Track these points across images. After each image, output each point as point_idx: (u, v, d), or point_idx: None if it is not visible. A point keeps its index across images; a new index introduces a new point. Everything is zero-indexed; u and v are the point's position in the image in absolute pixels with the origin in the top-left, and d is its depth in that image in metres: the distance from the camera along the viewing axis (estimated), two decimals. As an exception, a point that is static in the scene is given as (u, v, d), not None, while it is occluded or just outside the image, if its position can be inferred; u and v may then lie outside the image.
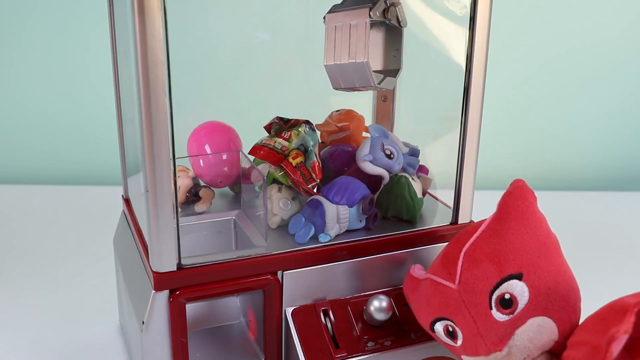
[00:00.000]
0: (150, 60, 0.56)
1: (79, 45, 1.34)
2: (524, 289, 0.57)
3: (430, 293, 0.63)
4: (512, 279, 0.58)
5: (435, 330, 0.63)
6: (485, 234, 0.61)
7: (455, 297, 0.60)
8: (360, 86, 0.72)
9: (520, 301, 0.57)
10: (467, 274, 0.60)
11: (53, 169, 1.43)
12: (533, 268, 0.58)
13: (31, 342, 0.84)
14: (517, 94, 1.43)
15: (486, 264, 0.59)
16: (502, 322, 0.58)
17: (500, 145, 1.43)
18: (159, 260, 0.63)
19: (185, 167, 0.79)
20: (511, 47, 1.37)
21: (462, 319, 0.60)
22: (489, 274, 0.59)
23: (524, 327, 0.57)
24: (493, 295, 0.58)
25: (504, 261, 0.58)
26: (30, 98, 1.38)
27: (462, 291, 0.60)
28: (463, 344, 0.61)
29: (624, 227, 1.22)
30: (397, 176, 0.76)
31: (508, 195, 0.61)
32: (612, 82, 1.43)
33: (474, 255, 0.60)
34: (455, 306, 0.60)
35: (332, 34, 0.71)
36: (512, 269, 0.58)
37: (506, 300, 0.58)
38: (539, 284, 0.57)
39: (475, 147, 0.73)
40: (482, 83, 0.70)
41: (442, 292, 0.62)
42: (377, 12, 0.68)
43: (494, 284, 0.58)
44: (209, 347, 0.75)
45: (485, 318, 0.58)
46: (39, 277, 1.01)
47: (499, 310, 0.58)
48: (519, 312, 0.57)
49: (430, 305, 0.63)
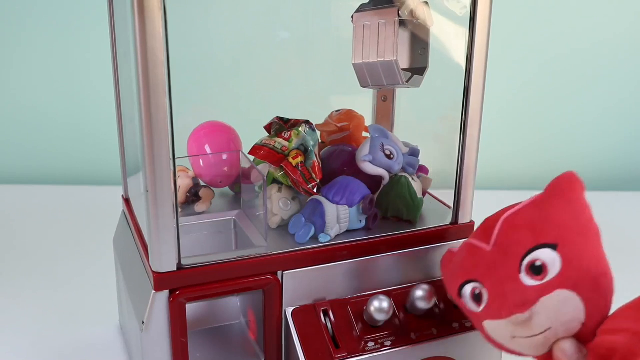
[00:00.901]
0: (150, 60, 0.56)
1: (79, 45, 1.34)
2: (557, 259, 0.57)
3: (464, 255, 0.64)
4: (546, 248, 0.58)
5: (462, 294, 0.63)
6: (528, 206, 0.61)
7: (487, 258, 0.61)
8: (388, 84, 0.72)
9: (550, 270, 0.57)
10: (503, 237, 0.60)
11: (53, 169, 1.43)
12: (569, 242, 0.58)
13: (31, 342, 0.84)
14: (517, 94, 1.43)
15: (523, 230, 0.59)
16: (529, 286, 0.58)
17: (500, 145, 1.43)
18: (159, 260, 0.63)
19: (185, 167, 0.79)
20: (511, 47, 1.37)
21: (490, 280, 0.60)
22: (524, 239, 0.59)
23: (550, 296, 0.57)
24: (524, 260, 0.58)
25: (541, 230, 0.59)
26: (30, 98, 1.38)
27: (495, 252, 0.60)
28: (486, 307, 0.61)
29: (624, 227, 1.22)
30: (397, 176, 0.76)
31: (557, 179, 0.61)
32: (612, 82, 1.43)
33: (513, 222, 0.61)
34: (486, 267, 0.61)
35: (360, 32, 0.72)
36: (548, 238, 0.58)
37: (537, 266, 0.58)
38: (572, 257, 0.57)
39: (475, 147, 0.73)
40: (482, 83, 0.70)
41: (476, 253, 0.62)
42: (405, 11, 0.69)
43: (527, 249, 0.58)
44: (209, 347, 0.75)
45: (513, 281, 0.58)
46: (39, 277, 1.01)
47: (529, 275, 0.58)
48: (548, 280, 0.57)
49: (462, 267, 0.64)
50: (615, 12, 1.38)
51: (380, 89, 0.85)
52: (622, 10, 1.38)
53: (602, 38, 1.39)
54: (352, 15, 0.74)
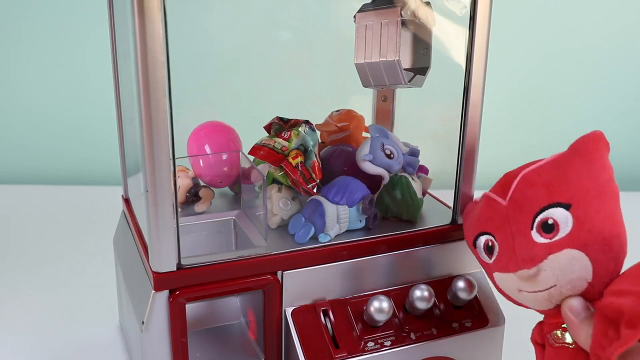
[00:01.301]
0: (150, 60, 0.56)
1: (79, 46, 1.34)
2: (569, 219, 0.58)
3: (481, 207, 0.65)
4: (559, 207, 0.58)
5: (476, 244, 0.65)
6: (548, 164, 0.62)
7: (502, 212, 0.62)
8: (390, 84, 0.73)
9: (561, 229, 0.58)
10: (519, 193, 0.61)
11: (53, 169, 1.43)
12: (583, 203, 0.58)
13: (31, 342, 0.84)
14: (517, 93, 1.43)
15: (539, 188, 0.60)
16: (539, 243, 0.58)
17: (500, 145, 1.43)
18: (159, 260, 0.63)
19: (185, 167, 0.79)
20: (511, 47, 1.37)
21: (502, 234, 0.61)
22: (538, 197, 0.60)
23: (558, 255, 0.57)
24: (537, 217, 0.59)
25: (557, 189, 0.59)
26: (31, 98, 1.38)
27: (509, 207, 0.61)
28: (497, 259, 0.62)
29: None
30: (397, 176, 0.76)
31: (582, 137, 0.62)
32: (612, 82, 1.43)
33: (531, 179, 0.61)
34: (500, 221, 0.62)
35: (362, 32, 0.72)
36: (562, 198, 0.59)
37: (548, 224, 0.58)
38: (584, 218, 0.58)
39: (475, 147, 0.73)
40: (482, 83, 0.70)
41: (492, 206, 0.63)
42: (407, 11, 0.70)
43: (541, 207, 0.59)
44: (209, 347, 0.75)
45: (524, 236, 0.59)
46: (39, 277, 1.01)
47: (539, 232, 0.59)
48: (558, 239, 0.58)
49: (479, 219, 0.65)
50: (615, 11, 1.38)
51: (382, 88, 0.85)
52: (622, 9, 1.38)
53: (602, 37, 1.39)
54: (354, 15, 0.74)
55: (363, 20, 0.73)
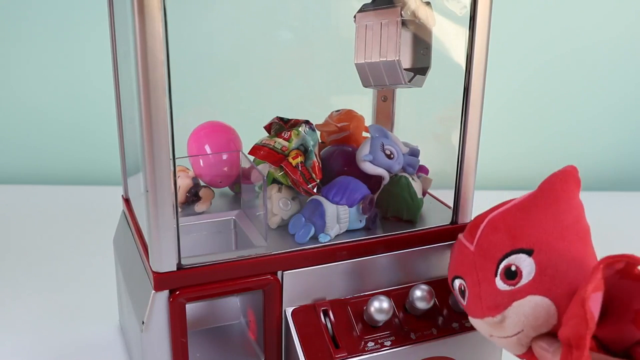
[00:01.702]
0: (150, 60, 0.56)
1: (78, 45, 1.34)
2: (532, 265, 0.58)
3: (455, 251, 0.66)
4: (521, 253, 0.58)
5: (453, 286, 0.65)
6: (514, 207, 0.62)
7: (470, 258, 0.62)
8: (390, 84, 0.73)
9: (524, 276, 0.58)
10: (484, 239, 0.61)
11: (53, 169, 1.43)
12: (546, 247, 0.58)
13: (31, 342, 0.84)
14: (517, 94, 1.43)
15: (502, 234, 0.60)
16: (503, 290, 0.58)
17: (500, 145, 1.43)
18: (159, 260, 0.63)
19: (185, 167, 0.79)
20: (511, 47, 1.37)
21: (470, 280, 0.62)
22: (502, 243, 0.60)
23: (522, 302, 0.57)
24: (501, 263, 0.59)
25: (520, 234, 0.59)
26: (30, 98, 1.38)
27: (476, 253, 0.62)
28: (467, 304, 0.63)
29: (624, 227, 1.22)
30: (397, 176, 0.76)
31: (550, 176, 0.61)
32: (612, 82, 1.44)
33: (495, 223, 0.61)
34: (468, 266, 0.62)
35: (362, 33, 0.73)
36: (524, 244, 0.59)
37: (511, 271, 0.58)
38: (547, 264, 0.57)
39: (475, 147, 0.73)
40: (482, 83, 0.70)
41: (462, 251, 0.63)
42: (407, 11, 0.70)
43: (504, 253, 0.59)
44: (209, 347, 0.75)
45: (489, 283, 0.60)
46: (39, 277, 1.01)
47: (503, 279, 0.59)
48: (521, 285, 0.58)
49: (453, 262, 0.66)
50: (615, 11, 1.38)
51: (382, 88, 0.85)
52: (623, 9, 1.38)
53: (603, 37, 1.39)
54: (354, 16, 0.74)
55: (363, 20, 0.73)
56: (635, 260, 0.50)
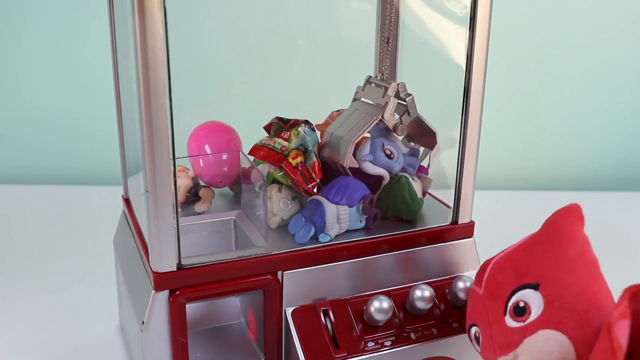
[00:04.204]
0: (150, 60, 0.56)
1: (78, 45, 1.34)
2: (539, 299, 0.57)
3: (469, 300, 0.65)
4: (528, 288, 0.58)
5: (470, 335, 0.65)
6: (519, 246, 0.62)
7: (480, 302, 0.62)
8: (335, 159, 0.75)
9: (533, 311, 0.57)
10: (491, 280, 0.61)
11: (53, 169, 1.43)
12: (551, 281, 0.57)
13: (31, 342, 0.84)
14: (517, 93, 1.43)
15: (509, 272, 0.60)
16: (513, 328, 0.58)
17: (500, 145, 1.43)
18: (159, 260, 0.63)
19: (185, 167, 0.79)
20: (511, 47, 1.37)
21: (482, 323, 0.61)
22: (508, 281, 0.59)
23: (533, 337, 0.57)
24: (509, 301, 0.59)
25: (525, 271, 0.59)
26: (30, 98, 1.38)
27: (485, 297, 0.61)
28: (481, 350, 0.62)
29: (624, 227, 1.22)
30: (397, 176, 0.76)
31: (553, 214, 0.61)
32: (613, 82, 1.43)
33: (501, 264, 0.61)
34: (480, 311, 0.62)
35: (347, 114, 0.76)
36: (530, 278, 0.58)
37: (520, 308, 0.58)
38: (553, 296, 0.57)
39: (475, 147, 0.73)
40: (482, 83, 0.70)
41: (474, 297, 0.64)
42: (387, 114, 0.73)
43: (510, 291, 0.59)
44: (209, 347, 0.75)
45: (499, 323, 0.59)
46: (39, 277, 1.01)
47: (512, 317, 0.58)
48: (530, 321, 0.57)
49: (467, 312, 0.65)
50: (615, 11, 1.38)
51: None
52: (623, 9, 1.38)
53: (603, 37, 1.39)
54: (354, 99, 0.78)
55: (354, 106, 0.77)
56: None
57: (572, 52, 1.40)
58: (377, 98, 0.74)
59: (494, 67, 0.75)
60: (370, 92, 0.76)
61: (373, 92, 0.75)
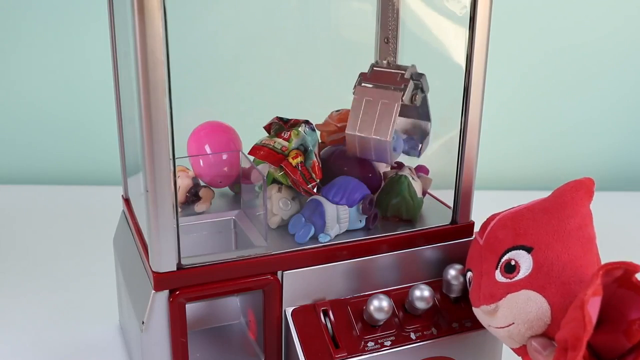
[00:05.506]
0: (150, 60, 0.56)
1: (78, 45, 1.34)
2: (530, 261, 0.61)
3: (470, 246, 0.70)
4: (522, 249, 0.62)
5: (466, 279, 0.70)
6: (525, 208, 0.65)
7: (478, 251, 0.67)
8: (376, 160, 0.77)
9: (521, 271, 0.61)
10: (492, 234, 0.66)
11: (53, 169, 1.43)
12: (545, 247, 0.61)
13: (31, 342, 0.84)
14: (517, 93, 1.43)
15: (509, 230, 0.64)
16: (500, 282, 0.62)
17: (500, 145, 1.43)
18: (159, 260, 0.63)
19: (185, 167, 0.79)
20: (511, 47, 1.37)
21: (476, 271, 0.66)
22: (505, 239, 0.64)
23: (516, 294, 0.61)
24: (502, 257, 0.63)
25: (524, 232, 0.63)
26: (30, 98, 1.38)
27: (483, 247, 0.66)
28: (470, 294, 0.67)
29: (624, 227, 1.22)
30: (397, 176, 0.76)
31: (565, 184, 0.65)
32: (612, 82, 1.43)
33: (505, 221, 0.65)
34: (477, 259, 0.66)
35: (359, 105, 0.76)
36: (526, 241, 0.62)
37: (511, 265, 0.62)
38: (543, 262, 0.61)
39: (475, 147, 0.73)
40: (482, 83, 0.71)
41: (474, 245, 0.68)
42: (406, 98, 0.74)
43: (506, 248, 0.63)
44: (209, 347, 0.75)
45: (489, 275, 0.64)
46: (39, 277, 1.01)
47: (502, 272, 0.63)
48: (517, 280, 0.61)
49: (468, 257, 0.70)
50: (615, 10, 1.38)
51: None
52: (622, 8, 1.38)
53: (603, 37, 1.39)
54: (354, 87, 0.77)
55: (363, 94, 0.76)
56: (633, 268, 0.52)
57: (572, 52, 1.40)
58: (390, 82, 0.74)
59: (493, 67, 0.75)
60: (380, 77, 0.75)
61: (385, 77, 0.75)
